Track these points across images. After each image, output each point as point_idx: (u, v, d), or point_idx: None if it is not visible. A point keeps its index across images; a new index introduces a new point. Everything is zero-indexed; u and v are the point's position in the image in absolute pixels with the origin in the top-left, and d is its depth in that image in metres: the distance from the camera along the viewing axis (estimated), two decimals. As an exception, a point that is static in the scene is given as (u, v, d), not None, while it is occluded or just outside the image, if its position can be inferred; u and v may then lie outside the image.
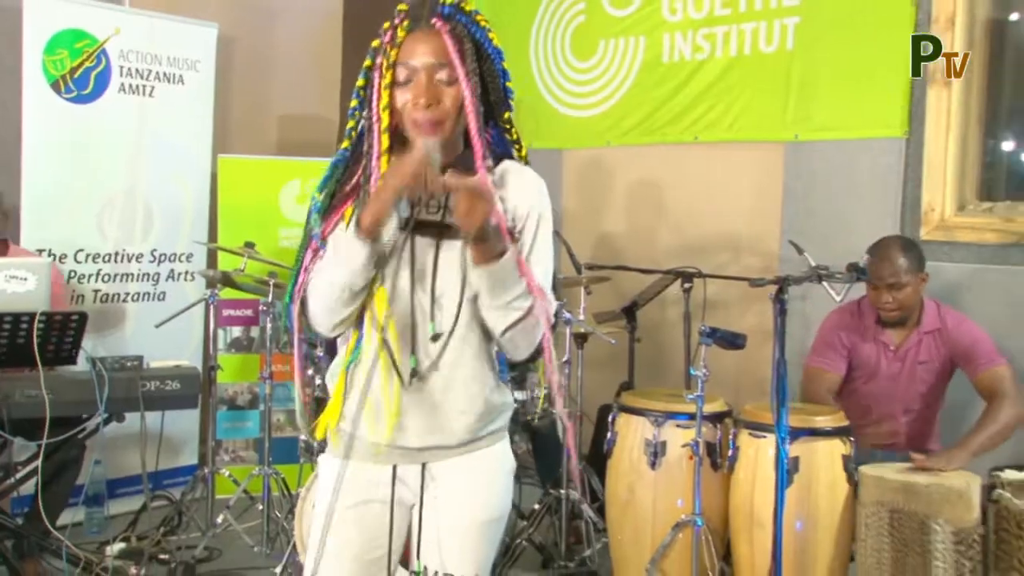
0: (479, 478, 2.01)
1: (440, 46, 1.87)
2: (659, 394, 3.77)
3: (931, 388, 3.67)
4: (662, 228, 5.12)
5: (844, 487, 3.34)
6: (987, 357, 3.53)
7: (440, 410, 1.95)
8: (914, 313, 3.66)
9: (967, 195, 4.19)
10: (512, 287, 1.85)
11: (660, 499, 3.50)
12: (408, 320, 1.92)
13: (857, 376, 3.75)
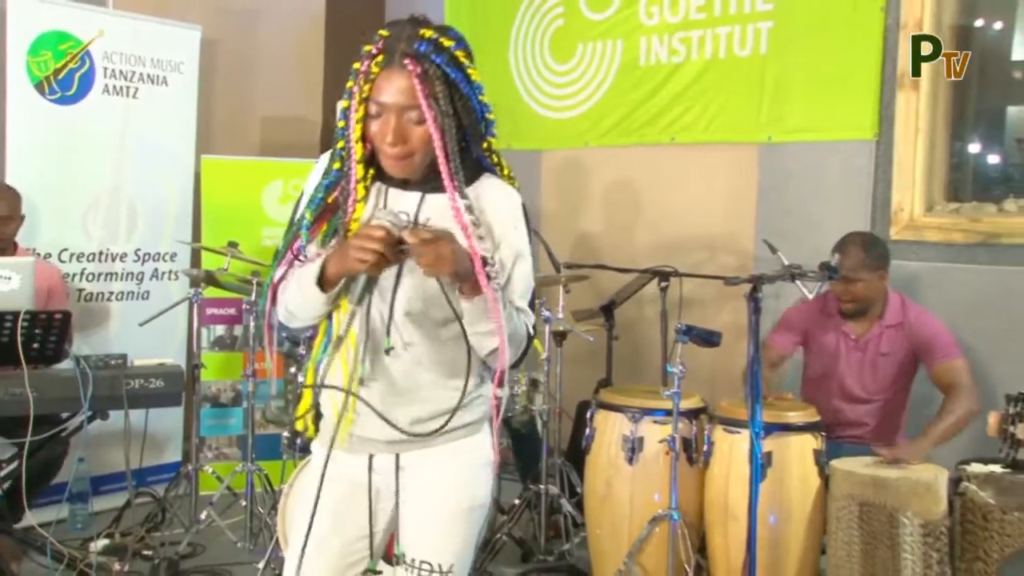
0: (451, 468, 2.04)
1: (409, 87, 1.90)
2: (636, 391, 3.81)
3: (894, 381, 3.73)
4: (639, 227, 5.16)
5: (815, 481, 3.39)
6: (944, 351, 3.61)
7: (406, 399, 2.01)
8: (875, 306, 3.73)
9: (935, 196, 4.25)
10: (491, 319, 1.90)
11: (637, 493, 3.53)
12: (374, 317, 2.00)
13: (820, 364, 3.82)
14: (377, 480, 2.07)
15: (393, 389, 2.02)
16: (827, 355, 3.80)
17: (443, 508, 2.04)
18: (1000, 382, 3.79)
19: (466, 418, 2.05)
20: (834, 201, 4.39)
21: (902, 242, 4.18)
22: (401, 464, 2.05)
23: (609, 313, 4.56)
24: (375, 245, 1.84)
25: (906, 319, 3.70)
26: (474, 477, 2.07)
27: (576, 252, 5.23)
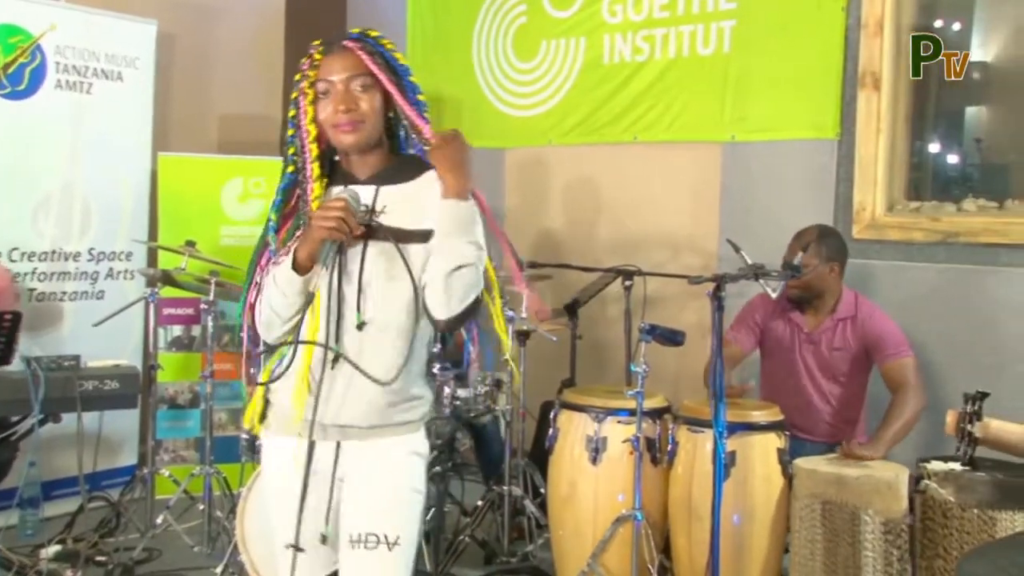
0: (390, 455, 2.15)
1: (354, 60, 2.11)
2: (600, 391, 3.81)
3: (849, 377, 3.77)
4: (603, 226, 5.17)
5: (779, 480, 3.41)
6: (894, 348, 3.66)
7: (355, 393, 2.10)
8: (827, 300, 3.79)
9: (896, 195, 4.30)
10: (470, 230, 2.06)
11: (601, 494, 3.54)
12: (336, 312, 2.09)
13: (775, 359, 3.87)
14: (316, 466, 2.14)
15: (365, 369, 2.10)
16: (782, 349, 3.85)
17: (385, 486, 2.14)
18: (957, 380, 3.84)
19: (406, 417, 2.16)
20: (797, 200, 4.42)
21: (864, 241, 4.22)
22: (343, 451, 2.14)
23: (573, 312, 4.56)
24: (336, 212, 2.00)
25: (858, 314, 3.75)
26: (412, 465, 2.18)
27: (539, 251, 5.23)
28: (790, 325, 3.84)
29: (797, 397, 3.81)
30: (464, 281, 2.05)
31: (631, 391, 3.43)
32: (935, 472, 3.16)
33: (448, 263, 2.04)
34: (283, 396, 2.16)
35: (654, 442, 3.54)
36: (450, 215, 2.06)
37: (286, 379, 2.13)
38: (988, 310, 3.95)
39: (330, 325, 2.07)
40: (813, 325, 3.81)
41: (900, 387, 3.59)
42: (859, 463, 3.32)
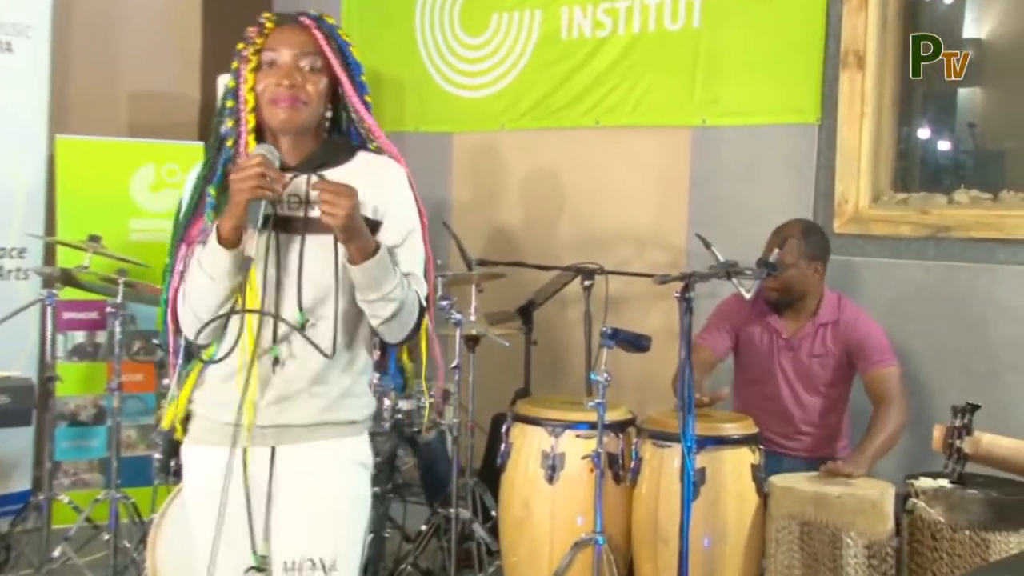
0: (329, 463, 2.19)
1: (308, 38, 2.17)
2: (557, 402, 3.83)
3: (830, 386, 3.85)
4: (561, 220, 5.20)
5: (753, 499, 3.46)
6: (878, 355, 3.74)
7: (293, 390, 2.16)
8: (808, 302, 3.85)
9: (881, 185, 4.37)
10: (387, 281, 2.12)
11: (558, 516, 3.56)
12: (273, 310, 2.14)
13: (751, 366, 3.93)
14: (252, 475, 2.18)
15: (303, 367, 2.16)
16: (758, 355, 3.91)
17: (320, 500, 2.17)
18: (947, 389, 3.93)
19: (350, 415, 2.22)
20: (773, 191, 4.48)
21: (846, 236, 4.29)
22: (277, 458, 2.18)
23: (527, 315, 4.58)
24: (254, 168, 2.03)
25: (841, 318, 3.82)
26: (353, 473, 2.23)
27: (490, 247, 5.25)
28: (768, 330, 3.90)
29: (774, 408, 3.86)
30: (393, 329, 2.19)
31: (591, 402, 3.44)
32: (923, 490, 3.21)
33: (373, 321, 2.18)
34: (209, 400, 2.20)
35: (616, 458, 3.57)
36: (360, 278, 2.12)
37: (210, 388, 2.18)
38: (981, 312, 4.03)
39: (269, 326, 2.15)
40: (792, 330, 3.87)
41: (882, 399, 3.66)
42: (841, 480, 3.38)
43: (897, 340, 3.91)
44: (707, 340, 3.94)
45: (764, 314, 3.91)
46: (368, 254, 2.08)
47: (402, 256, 2.20)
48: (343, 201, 2.04)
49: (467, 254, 4.50)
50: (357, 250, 2.08)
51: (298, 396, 2.17)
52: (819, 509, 3.26)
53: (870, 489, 3.31)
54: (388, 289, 2.12)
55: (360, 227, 2.08)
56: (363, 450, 2.26)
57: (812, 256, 3.82)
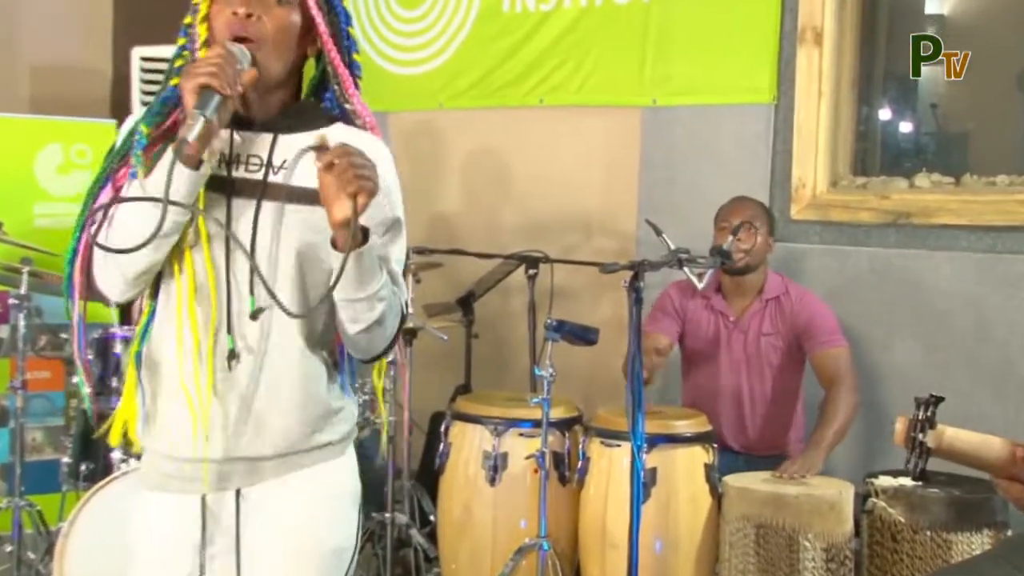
0: (307, 502, 1.97)
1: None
2: (499, 398, 3.84)
3: (780, 370, 3.89)
4: (503, 206, 5.19)
5: (707, 501, 3.48)
6: (827, 334, 3.79)
7: (254, 408, 1.92)
8: (754, 279, 3.92)
9: (840, 169, 4.40)
10: (376, 277, 1.87)
11: (501, 520, 3.57)
12: (222, 295, 1.91)
13: (695, 356, 3.97)
14: (211, 525, 1.96)
15: (264, 374, 1.92)
16: (705, 342, 3.95)
17: (298, 553, 1.96)
18: (904, 376, 3.99)
19: (329, 436, 2.00)
20: (728, 174, 4.50)
21: (804, 222, 4.32)
22: (245, 499, 1.96)
23: (467, 307, 4.57)
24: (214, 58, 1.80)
25: (787, 294, 3.89)
26: (338, 513, 2.02)
27: (428, 234, 5.22)
28: (713, 313, 3.94)
29: (723, 399, 3.90)
30: (373, 340, 1.94)
31: (536, 398, 3.45)
32: (883, 489, 3.26)
33: (352, 327, 1.91)
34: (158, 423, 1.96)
35: (562, 458, 3.58)
36: (351, 270, 1.81)
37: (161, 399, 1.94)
38: (944, 302, 4.08)
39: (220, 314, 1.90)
40: (739, 309, 3.92)
41: (832, 381, 3.71)
42: (796, 480, 3.41)
43: (856, 330, 3.95)
44: (656, 328, 3.96)
45: (708, 298, 3.95)
46: (359, 241, 1.81)
47: (390, 250, 1.98)
48: (371, 168, 1.79)
49: (403, 241, 4.47)
50: (346, 237, 1.78)
51: (270, 414, 1.92)
52: (775, 510, 3.28)
53: (828, 489, 3.34)
54: (376, 287, 1.87)
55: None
56: (346, 477, 2.03)
57: (770, 229, 3.92)
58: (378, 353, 1.98)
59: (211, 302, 1.90)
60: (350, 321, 1.90)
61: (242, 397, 1.92)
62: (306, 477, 1.97)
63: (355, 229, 1.78)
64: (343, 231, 1.78)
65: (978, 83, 4.33)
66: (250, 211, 1.91)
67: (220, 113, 1.81)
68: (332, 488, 2.02)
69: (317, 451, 1.98)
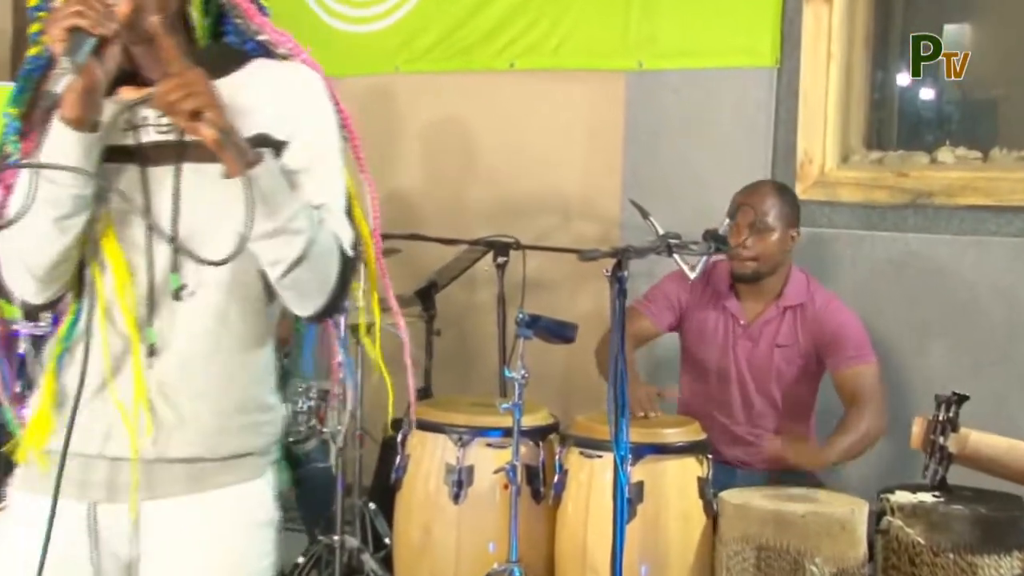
0: (216, 529, 1.96)
1: None
2: (464, 404, 3.83)
3: (795, 383, 3.88)
4: (469, 184, 5.17)
5: (700, 519, 3.47)
6: (854, 350, 3.77)
7: (169, 400, 1.92)
8: (774, 280, 3.87)
9: (852, 142, 4.41)
10: (285, 203, 1.85)
11: (466, 542, 3.55)
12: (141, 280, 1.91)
13: (700, 358, 3.95)
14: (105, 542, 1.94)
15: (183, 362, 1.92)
16: (711, 346, 3.93)
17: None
18: (926, 379, 4.01)
19: (252, 444, 1.99)
20: (724, 149, 4.51)
21: (811, 202, 4.32)
22: (141, 518, 1.94)
23: (428, 299, 4.56)
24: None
25: (810, 302, 3.84)
26: (252, 541, 2.00)
27: (384, 216, 5.14)
28: (723, 315, 3.91)
29: (726, 410, 3.89)
30: (305, 287, 1.93)
31: (505, 404, 3.44)
32: (900, 506, 3.25)
33: (275, 271, 1.90)
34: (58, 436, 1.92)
35: (536, 471, 3.57)
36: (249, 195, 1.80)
37: None
38: (969, 292, 4.10)
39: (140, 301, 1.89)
40: (752, 315, 3.89)
41: (857, 401, 3.70)
42: (803, 496, 3.40)
43: (871, 326, 3.95)
44: (647, 307, 3.97)
45: (720, 296, 3.92)
46: (250, 164, 1.81)
47: (309, 184, 1.95)
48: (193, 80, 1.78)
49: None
50: (235, 156, 1.80)
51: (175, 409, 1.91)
52: (779, 531, 3.27)
53: (839, 506, 3.34)
54: (287, 216, 1.84)
55: (231, 126, 1.81)
56: (265, 498, 2.02)
57: (789, 221, 3.86)
58: (321, 305, 1.95)
59: (131, 288, 1.91)
60: (271, 264, 1.89)
61: (163, 391, 1.92)
62: (215, 499, 1.95)
63: (236, 146, 1.80)
64: (224, 155, 1.79)
65: (1010, 43, 4.33)
66: (169, 179, 1.91)
67: (98, 59, 1.79)
68: (247, 512, 2.00)
69: (236, 462, 1.97)
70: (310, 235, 1.88)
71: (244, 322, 1.96)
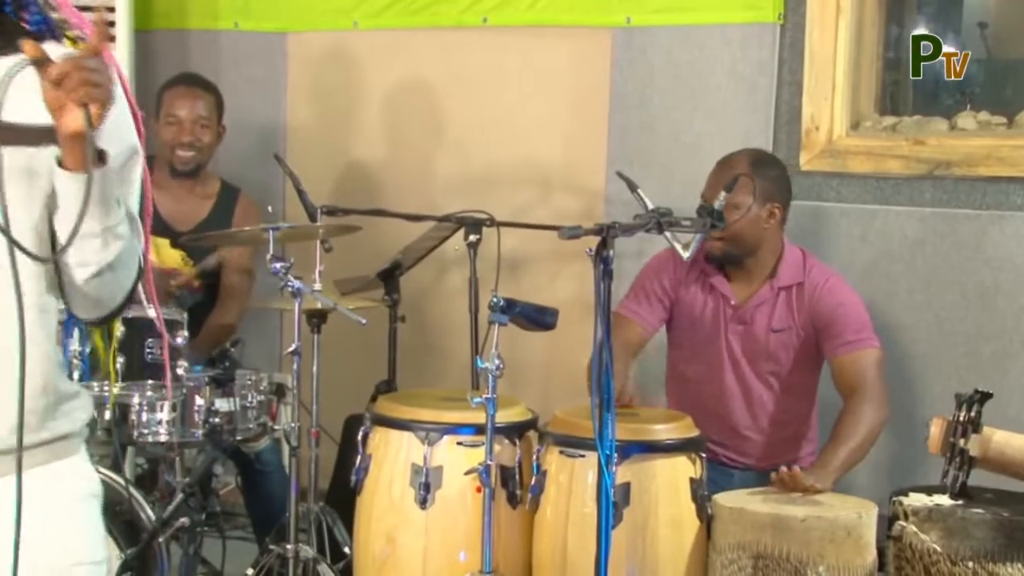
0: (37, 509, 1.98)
1: None
2: (432, 398, 3.84)
3: (792, 373, 3.93)
4: (436, 153, 5.18)
5: (693, 524, 3.50)
6: (853, 333, 3.80)
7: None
8: (764, 258, 3.91)
9: (863, 107, 4.44)
10: (116, 205, 1.93)
11: (434, 551, 3.56)
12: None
13: (686, 346, 4.00)
14: None
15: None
16: (699, 330, 3.97)
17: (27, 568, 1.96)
18: (947, 374, 4.06)
19: (67, 426, 2.07)
20: (720, 114, 4.53)
21: (817, 174, 4.36)
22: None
23: (391, 282, 4.55)
24: None
25: (807, 280, 3.89)
26: (79, 519, 2.09)
27: (340, 190, 5.22)
28: (712, 296, 3.95)
29: (717, 403, 3.94)
30: (106, 290, 2.01)
31: (478, 398, 3.44)
32: (915, 510, 3.28)
33: (81, 273, 1.97)
34: None
35: (512, 473, 3.58)
36: (72, 194, 1.86)
37: None
38: (992, 274, 4.15)
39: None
40: (744, 296, 3.93)
41: (854, 391, 3.73)
42: (804, 498, 3.45)
43: (883, 312, 3.99)
44: (633, 310, 3.99)
45: (707, 274, 3.96)
46: (94, 159, 1.84)
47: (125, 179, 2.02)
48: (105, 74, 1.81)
49: (308, 199, 4.46)
50: (83, 151, 1.82)
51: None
52: (778, 537, 3.31)
53: (845, 509, 3.38)
54: (115, 219, 1.93)
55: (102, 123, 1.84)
56: (85, 474, 2.12)
57: (767, 195, 3.84)
58: (109, 311, 2.06)
59: None
60: (79, 265, 1.95)
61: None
62: (36, 477, 1.99)
63: (91, 145, 1.82)
64: (75, 147, 1.83)
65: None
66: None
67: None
68: (70, 487, 2.08)
69: (50, 445, 2.04)
70: (127, 241, 1.97)
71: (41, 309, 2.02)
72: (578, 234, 3.20)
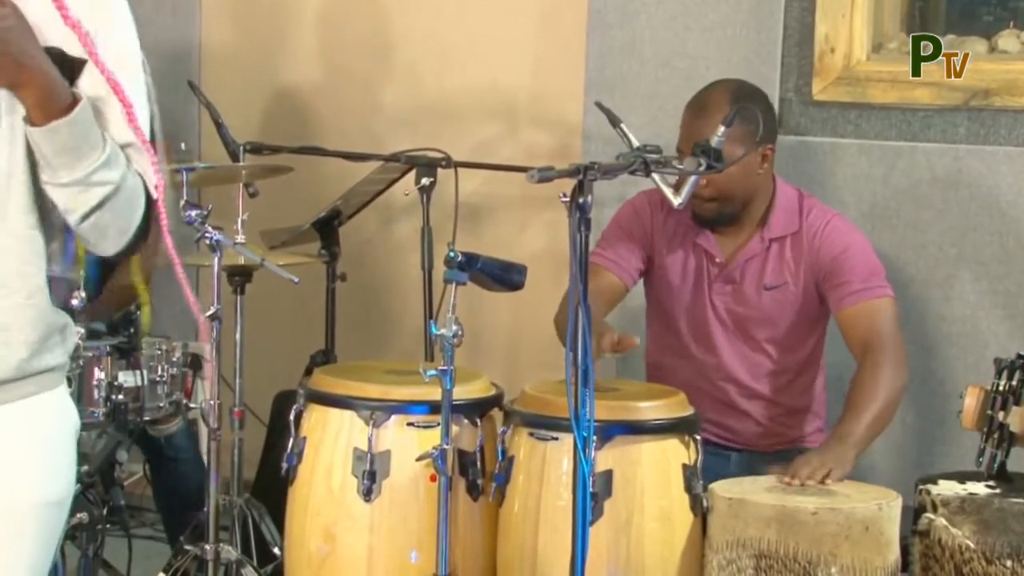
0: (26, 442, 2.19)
1: None
2: (378, 371, 3.85)
3: (792, 335, 3.95)
4: (382, 81, 5.18)
5: (686, 519, 3.52)
6: (862, 280, 3.79)
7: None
8: (754, 206, 3.90)
9: (887, 26, 4.45)
10: (90, 152, 2.09)
11: (380, 551, 3.57)
12: None
13: (667, 308, 4.02)
14: None
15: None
16: (681, 291, 3.98)
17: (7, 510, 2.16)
18: (980, 334, 4.11)
19: (54, 359, 2.23)
20: (718, 34, 4.53)
21: (832, 104, 4.37)
22: None
23: (329, 233, 4.55)
24: None
25: (805, 225, 3.88)
26: (54, 456, 2.24)
27: (266, 124, 5.21)
28: (694, 254, 3.96)
29: (705, 374, 3.96)
30: (105, 230, 2.19)
31: (432, 370, 3.45)
32: (945, 500, 3.31)
33: (72, 217, 2.16)
34: None
35: (472, 459, 3.59)
36: (47, 148, 2.08)
37: None
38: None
39: None
40: (731, 250, 3.94)
41: (869, 348, 3.72)
42: (815, 486, 3.46)
43: (908, 265, 4.02)
44: (608, 258, 3.98)
45: (688, 228, 3.95)
46: (59, 109, 2.05)
47: (113, 115, 2.16)
48: None
49: (228, 134, 4.46)
50: (38, 102, 2.04)
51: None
52: (784, 532, 3.32)
53: (863, 500, 3.39)
54: (90, 167, 2.09)
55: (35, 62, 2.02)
56: (66, 410, 2.29)
57: (752, 134, 3.71)
58: (122, 246, 2.24)
59: None
60: (65, 211, 2.16)
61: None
62: (22, 409, 2.19)
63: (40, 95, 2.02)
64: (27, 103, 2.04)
65: None
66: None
67: None
68: (51, 425, 2.25)
69: (36, 378, 2.20)
70: (116, 184, 2.14)
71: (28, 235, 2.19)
72: (550, 176, 3.14)
